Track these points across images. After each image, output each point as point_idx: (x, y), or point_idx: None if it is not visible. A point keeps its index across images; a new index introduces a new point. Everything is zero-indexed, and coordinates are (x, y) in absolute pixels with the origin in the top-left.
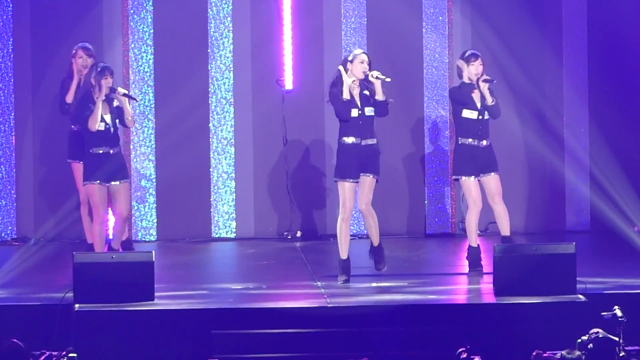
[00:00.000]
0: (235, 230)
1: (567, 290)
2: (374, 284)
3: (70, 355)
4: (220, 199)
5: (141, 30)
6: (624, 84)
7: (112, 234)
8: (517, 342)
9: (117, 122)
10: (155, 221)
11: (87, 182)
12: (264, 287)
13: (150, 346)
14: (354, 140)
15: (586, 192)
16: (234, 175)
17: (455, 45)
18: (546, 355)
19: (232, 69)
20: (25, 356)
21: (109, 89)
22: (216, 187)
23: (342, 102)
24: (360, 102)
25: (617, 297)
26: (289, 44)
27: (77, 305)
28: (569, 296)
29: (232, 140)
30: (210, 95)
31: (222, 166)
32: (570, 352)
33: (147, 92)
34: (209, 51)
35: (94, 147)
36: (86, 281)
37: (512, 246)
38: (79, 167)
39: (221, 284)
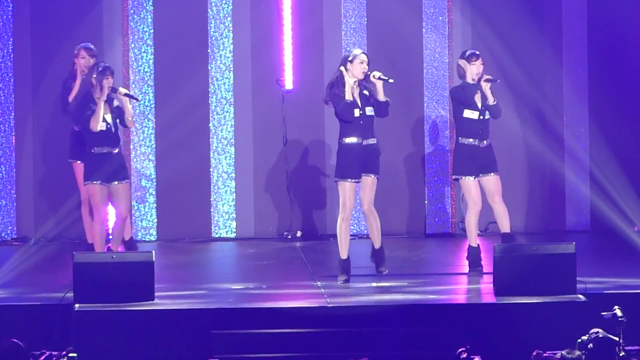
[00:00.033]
0: (235, 230)
1: (567, 290)
2: (374, 284)
3: (70, 355)
4: (220, 199)
5: (141, 30)
6: (624, 84)
7: (112, 234)
8: (517, 342)
9: (117, 122)
10: (155, 221)
11: (88, 182)
12: (264, 287)
13: (150, 346)
14: (356, 140)
15: (586, 192)
16: (234, 175)
17: (455, 45)
18: (546, 355)
19: (232, 69)
20: (25, 356)
21: (110, 89)
22: (216, 187)
23: (345, 103)
24: (360, 102)
25: (617, 297)
26: (289, 44)
27: (77, 305)
28: (569, 296)
29: (232, 140)
30: (210, 95)
31: (222, 166)
32: (570, 352)
33: (147, 92)
34: (209, 51)
35: (96, 147)
36: (86, 281)
37: (512, 246)
38: (80, 167)
39: (221, 284)
